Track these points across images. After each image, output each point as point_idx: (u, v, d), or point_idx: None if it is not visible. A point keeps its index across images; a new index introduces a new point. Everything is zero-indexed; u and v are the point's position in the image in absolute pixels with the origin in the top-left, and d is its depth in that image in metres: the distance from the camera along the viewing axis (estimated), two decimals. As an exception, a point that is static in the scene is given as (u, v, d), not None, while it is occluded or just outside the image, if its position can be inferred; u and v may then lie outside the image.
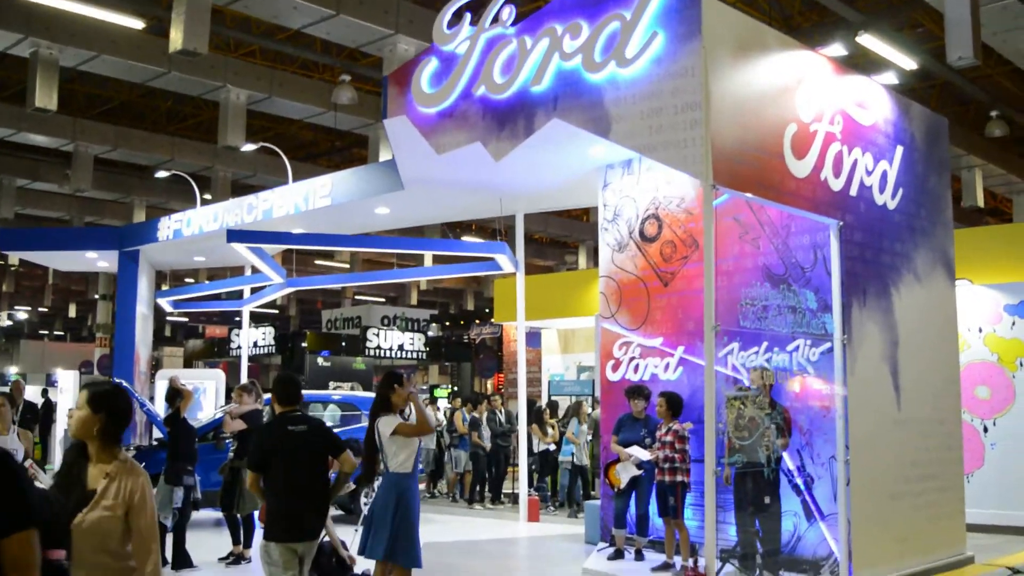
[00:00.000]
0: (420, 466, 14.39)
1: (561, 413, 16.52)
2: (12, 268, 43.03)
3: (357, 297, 45.94)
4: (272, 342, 31.72)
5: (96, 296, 37.06)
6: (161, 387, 19.13)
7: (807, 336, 9.28)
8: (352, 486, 7.94)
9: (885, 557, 9.39)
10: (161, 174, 24.76)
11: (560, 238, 39.61)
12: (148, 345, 20.11)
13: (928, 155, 10.90)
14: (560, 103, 9.15)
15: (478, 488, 16.33)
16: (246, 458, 10.16)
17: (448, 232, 27.03)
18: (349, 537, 8.11)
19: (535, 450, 15.51)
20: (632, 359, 11.13)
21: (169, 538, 9.72)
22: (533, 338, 21.75)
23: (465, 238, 29.64)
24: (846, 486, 8.94)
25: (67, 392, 28.60)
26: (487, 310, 32.00)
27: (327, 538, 8.48)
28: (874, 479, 9.33)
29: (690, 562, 9.13)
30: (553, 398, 18.26)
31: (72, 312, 53.62)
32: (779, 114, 8.77)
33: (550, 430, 15.46)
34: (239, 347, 27.68)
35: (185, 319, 52.61)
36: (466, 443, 16.41)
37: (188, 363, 36.83)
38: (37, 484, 6.34)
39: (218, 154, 27.98)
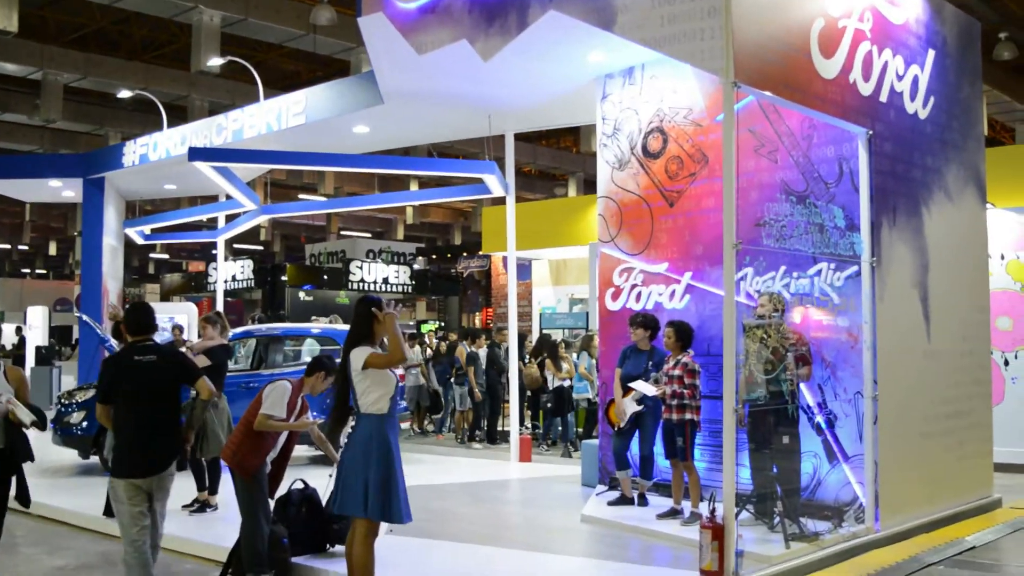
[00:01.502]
0: (403, 403, 13.69)
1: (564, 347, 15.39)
2: (-13, 204, 41.73)
3: (343, 233, 44.83)
4: (251, 276, 30.53)
5: (76, 233, 35.97)
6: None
7: (832, 259, 8.32)
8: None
9: (913, 501, 8.58)
10: (124, 94, 23.42)
11: (550, 170, 38.50)
12: (118, 279, 19.10)
13: (961, 61, 9.89)
14: (557, -8, 8.09)
15: (478, 428, 15.41)
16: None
17: (434, 154, 25.94)
18: (323, 483, 7.19)
19: (550, 386, 14.47)
20: (634, 287, 10.17)
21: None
22: (523, 270, 20.86)
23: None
24: (873, 424, 8.07)
25: (36, 329, 27.84)
26: (475, 244, 30.94)
27: (298, 485, 7.59)
28: (903, 417, 8.47)
29: (701, 508, 8.25)
30: (544, 332, 17.31)
31: (52, 250, 52.38)
32: (805, 6, 7.76)
33: (565, 365, 14.39)
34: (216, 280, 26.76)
35: (166, 256, 51.61)
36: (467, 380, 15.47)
37: (165, 299, 35.76)
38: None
39: (194, 82, 26.83)
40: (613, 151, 10.49)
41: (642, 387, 8.77)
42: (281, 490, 7.38)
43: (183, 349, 9.56)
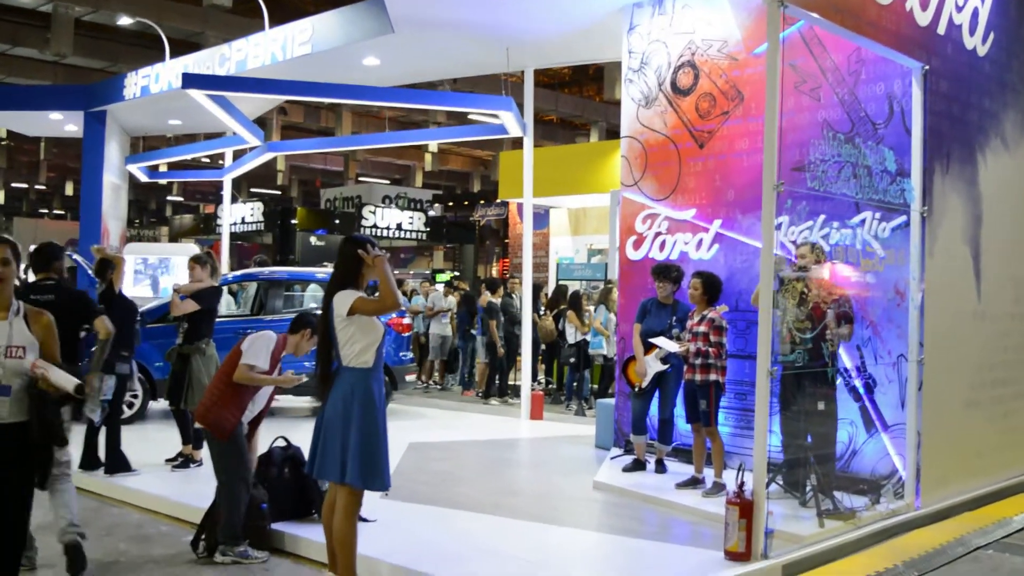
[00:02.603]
0: (408, 354, 12.98)
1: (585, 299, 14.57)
2: (2, 142, 40.96)
3: (361, 179, 44.00)
4: (261, 218, 29.75)
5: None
6: (130, 262, 17.54)
7: (878, 208, 7.51)
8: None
9: (955, 476, 7.87)
10: (124, 21, 22.53)
11: (571, 118, 37.44)
12: (121, 218, 18.41)
13: (1024, -5, 9.01)
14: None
15: (496, 382, 14.71)
16: (198, 343, 8.68)
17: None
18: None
19: (571, 341, 13.70)
20: (658, 235, 9.39)
21: (103, 437, 8.19)
22: (541, 219, 20.05)
23: (470, 119, 27.66)
24: (918, 392, 7.31)
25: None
26: (494, 193, 30.09)
27: (280, 443, 6.90)
28: (948, 384, 7.74)
29: (724, 478, 7.53)
30: (561, 282, 16.54)
31: (69, 190, 51.75)
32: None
33: (587, 319, 13.60)
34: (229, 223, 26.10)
35: (181, 198, 50.98)
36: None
37: (175, 240, 35.12)
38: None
39: (207, 18, 25.95)
40: (639, 87, 9.66)
41: (665, 344, 8.02)
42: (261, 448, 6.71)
43: (172, 290, 8.87)
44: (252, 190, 47.07)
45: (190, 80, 10.74)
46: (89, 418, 7.57)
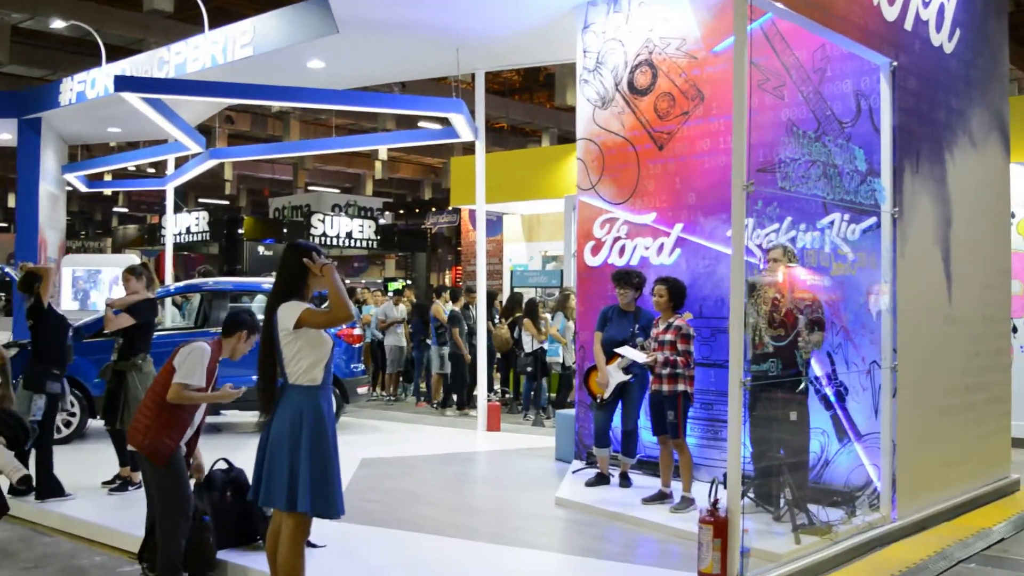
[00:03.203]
0: (360, 366, 12.52)
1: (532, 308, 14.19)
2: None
3: (310, 188, 43.35)
4: (207, 228, 29.04)
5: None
6: (68, 275, 16.92)
7: (848, 209, 7.23)
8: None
9: (930, 486, 7.59)
10: (58, 24, 21.83)
11: (522, 125, 37.13)
12: (59, 229, 17.74)
13: (987, -10, 8.80)
14: None
15: (458, 393, 14.29)
16: (134, 359, 8.18)
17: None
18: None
19: (528, 349, 13.30)
20: (617, 239, 9.06)
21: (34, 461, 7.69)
22: (494, 226, 19.68)
23: (420, 125, 27.24)
24: (892, 399, 7.03)
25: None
26: (446, 200, 29.65)
27: (221, 465, 6.44)
28: (921, 391, 7.45)
29: (694, 494, 7.20)
30: (516, 290, 16.17)
31: (12, 202, 50.48)
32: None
33: (544, 327, 13.20)
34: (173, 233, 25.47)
35: (126, 209, 49.93)
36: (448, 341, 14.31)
37: (118, 252, 34.27)
38: None
39: (148, 24, 25.29)
40: (595, 88, 9.33)
41: (631, 353, 7.67)
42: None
43: (106, 304, 8.38)
44: (200, 200, 46.25)
45: (123, 83, 10.22)
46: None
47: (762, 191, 6.29)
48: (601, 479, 8.23)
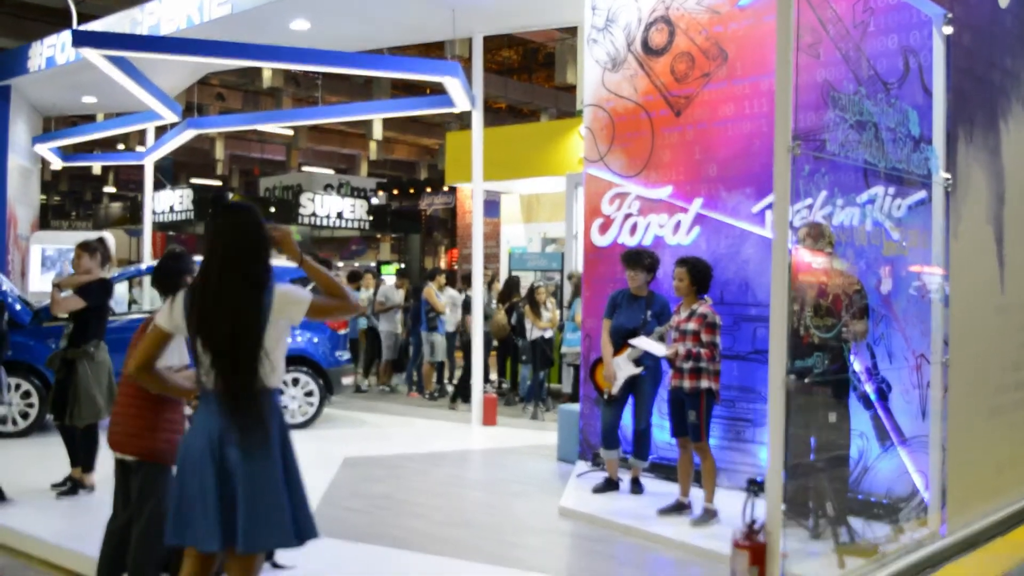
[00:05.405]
0: (345, 355, 11.56)
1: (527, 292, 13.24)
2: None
3: (304, 168, 42.32)
4: (191, 207, 28.02)
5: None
6: (37, 253, 16.01)
7: (889, 182, 6.34)
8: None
9: (981, 495, 6.75)
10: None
11: (520, 105, 36.16)
12: (32, 205, 16.83)
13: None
14: None
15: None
16: (85, 346, 7.29)
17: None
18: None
19: (528, 337, 12.37)
20: (628, 216, 8.17)
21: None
22: (491, 207, 18.76)
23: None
24: (943, 397, 6.16)
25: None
26: (441, 182, 28.69)
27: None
28: (973, 388, 6.61)
29: (716, 505, 6.33)
30: (514, 273, 15.27)
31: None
32: None
33: (546, 312, 12.26)
34: (155, 212, 24.59)
35: (114, 188, 48.89)
36: (443, 326, 13.39)
37: (99, 231, 33.29)
38: None
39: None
40: (604, 48, 8.42)
41: (648, 345, 6.76)
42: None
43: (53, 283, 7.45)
44: (192, 180, 45.24)
45: (82, 38, 9.25)
46: None
47: (810, 154, 5.38)
48: (610, 484, 7.36)
